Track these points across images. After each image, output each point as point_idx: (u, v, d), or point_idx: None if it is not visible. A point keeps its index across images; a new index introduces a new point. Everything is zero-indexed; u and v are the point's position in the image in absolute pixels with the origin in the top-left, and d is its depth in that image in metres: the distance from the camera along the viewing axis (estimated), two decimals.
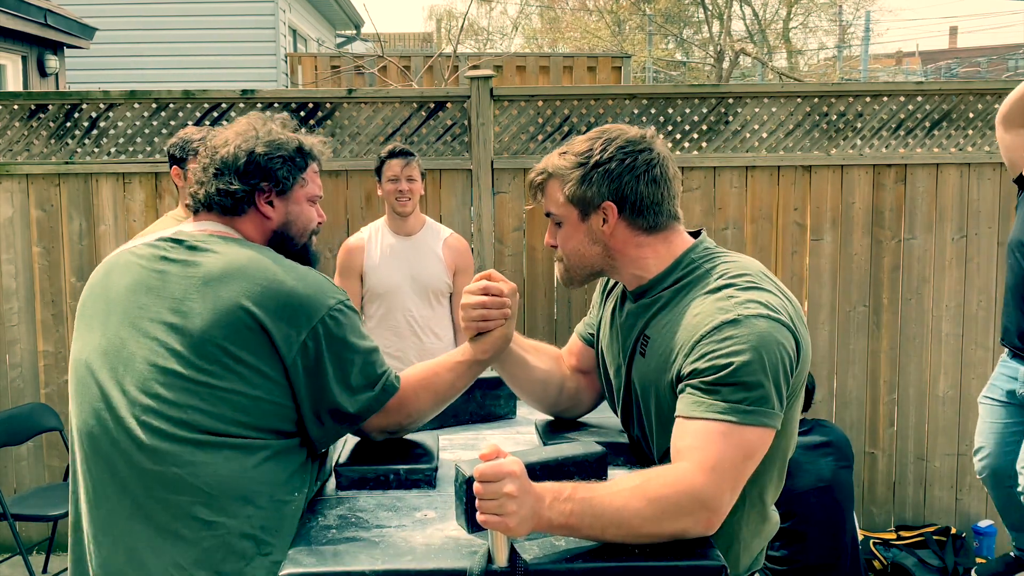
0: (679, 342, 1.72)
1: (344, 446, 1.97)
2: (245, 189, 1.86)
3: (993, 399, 3.71)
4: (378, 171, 3.88)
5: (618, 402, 1.97)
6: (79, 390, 1.80)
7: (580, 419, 2.16)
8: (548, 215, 1.89)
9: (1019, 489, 3.54)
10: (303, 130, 1.95)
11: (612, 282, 2.06)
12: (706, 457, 1.59)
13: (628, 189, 1.80)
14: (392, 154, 3.85)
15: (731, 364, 1.63)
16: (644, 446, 1.91)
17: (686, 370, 1.68)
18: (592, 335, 2.11)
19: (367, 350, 1.80)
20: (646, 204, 1.81)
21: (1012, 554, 3.83)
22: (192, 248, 1.80)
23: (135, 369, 1.72)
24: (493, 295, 1.90)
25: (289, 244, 1.92)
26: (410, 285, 3.85)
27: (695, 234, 1.90)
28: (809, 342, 1.77)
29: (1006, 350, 3.70)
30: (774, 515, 1.92)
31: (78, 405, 1.80)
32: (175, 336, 1.71)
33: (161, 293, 1.75)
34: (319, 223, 1.99)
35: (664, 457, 1.76)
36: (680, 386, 1.70)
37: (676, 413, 1.68)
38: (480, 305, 1.89)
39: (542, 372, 2.07)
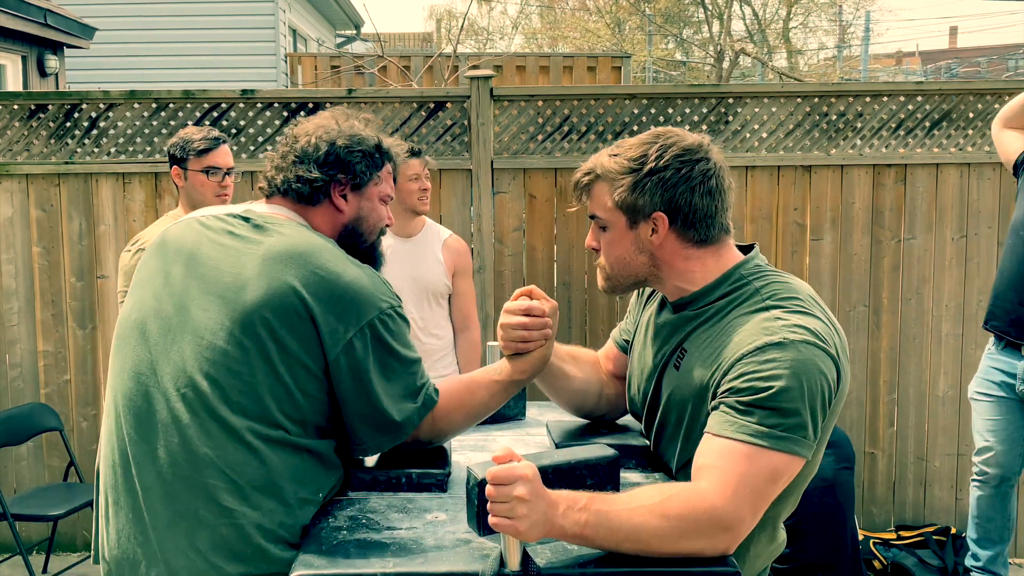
0: (719, 359, 1.67)
1: None
2: (323, 179, 1.85)
3: (989, 395, 3.66)
4: None
5: (643, 410, 1.92)
6: (124, 351, 1.80)
7: (592, 421, 2.14)
8: (592, 217, 1.82)
9: None
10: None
11: (651, 288, 2.01)
12: (728, 479, 1.55)
13: (682, 200, 1.72)
14: (412, 153, 3.84)
15: (771, 388, 1.58)
16: (662, 454, 1.88)
17: (723, 387, 1.64)
18: (627, 341, 2.07)
19: (413, 360, 1.78)
20: (699, 217, 1.74)
21: None
22: (258, 227, 1.79)
23: (186, 340, 1.71)
24: (534, 315, 1.84)
25: (358, 240, 1.92)
26: (411, 287, 3.84)
27: (746, 248, 1.84)
28: (849, 374, 1.72)
29: (992, 338, 3.67)
30: (782, 534, 1.89)
31: (120, 366, 1.79)
32: (226, 310, 1.69)
33: (221, 266, 1.74)
34: (388, 224, 1.99)
35: (682, 468, 1.73)
36: (714, 403, 1.66)
37: (706, 429, 1.64)
38: (521, 326, 1.83)
39: (580, 381, 2.03)
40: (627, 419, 2.12)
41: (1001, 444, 3.66)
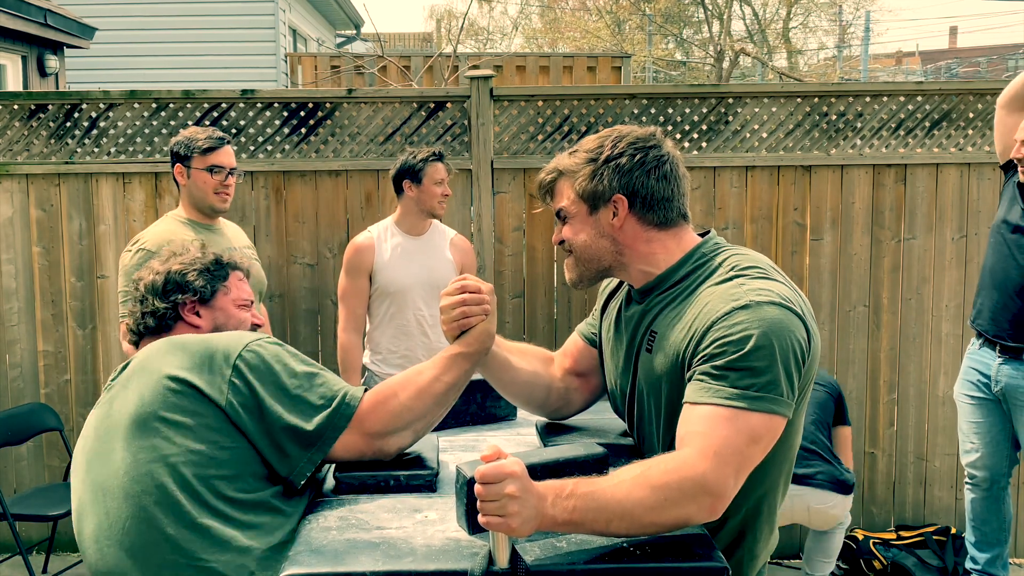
0: (689, 331, 1.71)
1: None
2: (167, 306, 2.00)
3: (970, 397, 3.72)
4: (412, 173, 3.81)
5: (624, 403, 1.95)
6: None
7: (582, 421, 2.15)
8: (558, 214, 1.89)
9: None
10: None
11: (614, 286, 2.05)
12: (710, 443, 1.57)
13: (639, 183, 1.81)
14: (437, 157, 3.84)
15: (741, 349, 1.62)
16: (649, 447, 1.89)
17: (696, 356, 1.68)
18: (595, 335, 2.09)
19: (309, 373, 1.80)
20: (656, 199, 1.82)
21: None
22: (123, 369, 1.90)
23: (114, 477, 1.77)
24: (471, 292, 1.89)
25: None
26: (420, 285, 3.87)
27: (703, 235, 1.90)
28: (819, 336, 1.76)
29: (975, 335, 3.72)
30: (775, 531, 1.90)
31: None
32: (119, 431, 1.75)
33: (109, 414, 1.82)
34: (256, 325, 2.10)
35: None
36: (689, 373, 1.69)
37: (684, 400, 1.67)
38: (459, 303, 1.88)
39: (527, 374, 2.05)
40: (614, 418, 2.12)
41: (986, 447, 3.70)
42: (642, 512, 1.52)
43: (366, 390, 1.84)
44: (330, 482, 1.86)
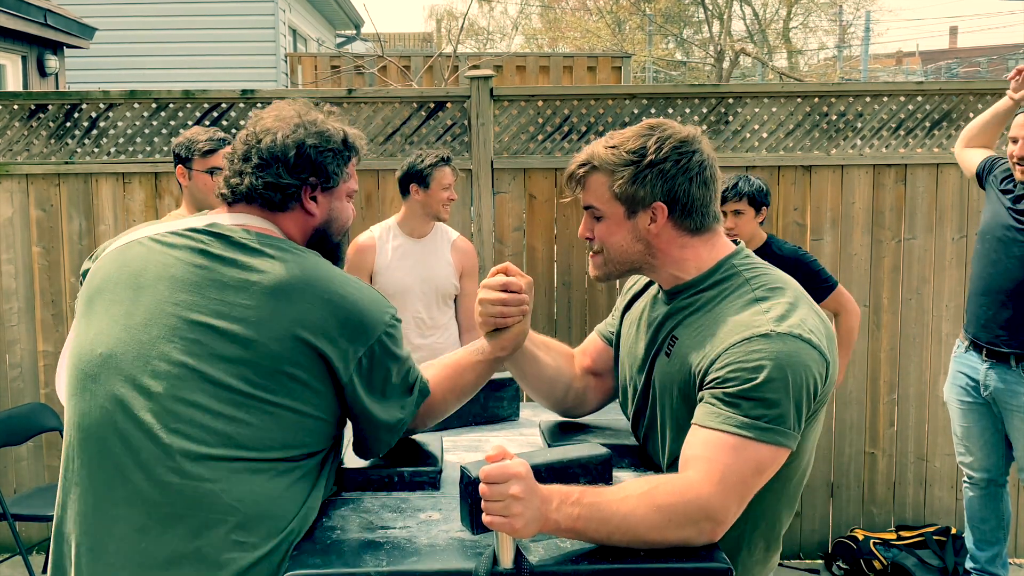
0: (707, 348, 1.69)
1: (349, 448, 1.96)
2: (295, 184, 1.72)
3: (960, 401, 3.76)
4: (419, 177, 3.79)
5: (633, 402, 1.94)
6: (84, 385, 1.64)
7: (586, 421, 2.15)
8: (588, 208, 1.84)
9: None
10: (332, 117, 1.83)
11: (640, 287, 2.04)
12: (714, 469, 1.57)
13: (681, 191, 1.76)
14: (445, 161, 3.81)
15: (755, 379, 1.60)
16: (653, 449, 1.89)
17: (709, 377, 1.66)
18: (612, 334, 2.08)
19: (407, 357, 1.78)
20: (696, 206, 1.78)
21: None
22: (241, 247, 1.66)
23: (165, 371, 1.59)
24: (512, 291, 1.86)
25: (326, 241, 1.83)
26: (420, 287, 3.86)
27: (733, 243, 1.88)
28: (837, 367, 1.74)
29: (958, 340, 3.77)
30: (778, 546, 1.90)
31: (80, 401, 1.65)
32: (224, 342, 1.59)
33: (204, 292, 1.62)
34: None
35: (674, 463, 1.74)
36: (701, 393, 1.68)
37: (693, 421, 1.66)
38: (499, 301, 1.85)
39: (552, 370, 2.04)
40: (620, 419, 2.12)
41: (980, 449, 3.73)
42: (645, 530, 1.53)
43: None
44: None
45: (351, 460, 1.88)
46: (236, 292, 1.61)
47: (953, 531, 4.28)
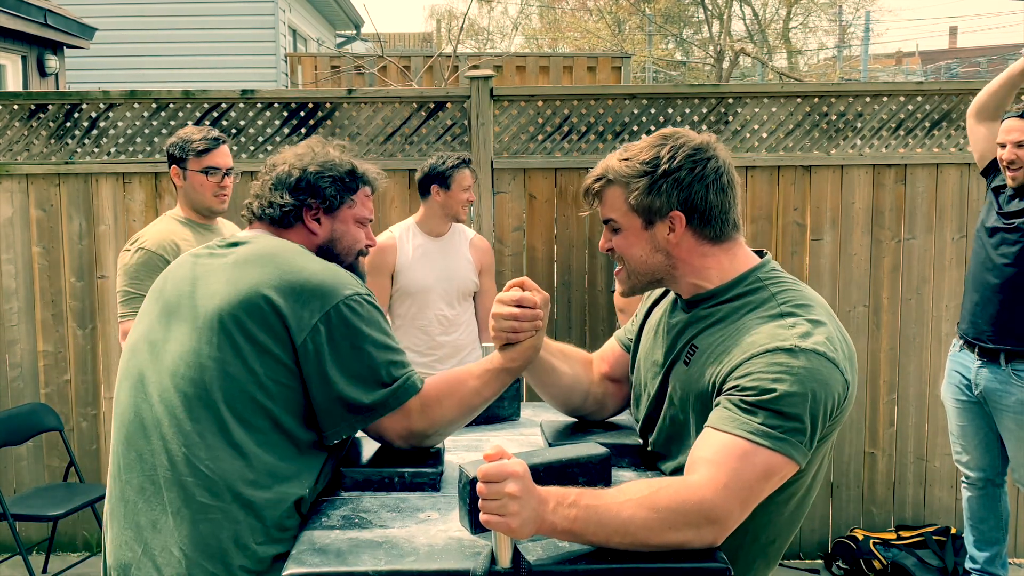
0: (728, 358, 1.68)
1: (354, 448, 1.96)
2: (294, 204, 1.97)
3: (955, 400, 3.77)
4: (441, 178, 3.81)
5: (646, 408, 1.92)
6: (122, 370, 1.92)
7: (586, 420, 2.14)
8: (606, 222, 1.83)
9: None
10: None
11: (659, 293, 2.02)
12: (721, 472, 1.56)
13: (698, 199, 1.75)
14: (465, 163, 3.85)
15: (775, 391, 1.59)
16: (660, 455, 1.88)
17: (728, 384, 1.65)
18: (631, 340, 2.07)
19: (388, 347, 1.81)
20: (714, 214, 1.77)
21: None
22: (235, 244, 1.93)
23: (168, 350, 1.82)
24: (526, 306, 1.86)
25: (336, 262, 1.96)
26: (442, 285, 3.90)
27: (758, 253, 1.87)
28: (856, 387, 1.73)
29: (955, 338, 3.79)
30: (775, 565, 1.89)
31: (118, 385, 1.92)
32: (199, 315, 1.80)
33: (196, 284, 1.86)
34: (367, 245, 2.07)
35: (680, 470, 1.72)
36: (717, 399, 1.66)
37: (707, 423, 1.65)
38: (512, 316, 1.86)
39: (569, 378, 2.04)
40: (620, 418, 2.12)
41: (976, 449, 3.74)
42: (645, 534, 1.52)
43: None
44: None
45: (351, 460, 1.88)
46: (214, 272, 1.87)
47: (953, 531, 4.28)
